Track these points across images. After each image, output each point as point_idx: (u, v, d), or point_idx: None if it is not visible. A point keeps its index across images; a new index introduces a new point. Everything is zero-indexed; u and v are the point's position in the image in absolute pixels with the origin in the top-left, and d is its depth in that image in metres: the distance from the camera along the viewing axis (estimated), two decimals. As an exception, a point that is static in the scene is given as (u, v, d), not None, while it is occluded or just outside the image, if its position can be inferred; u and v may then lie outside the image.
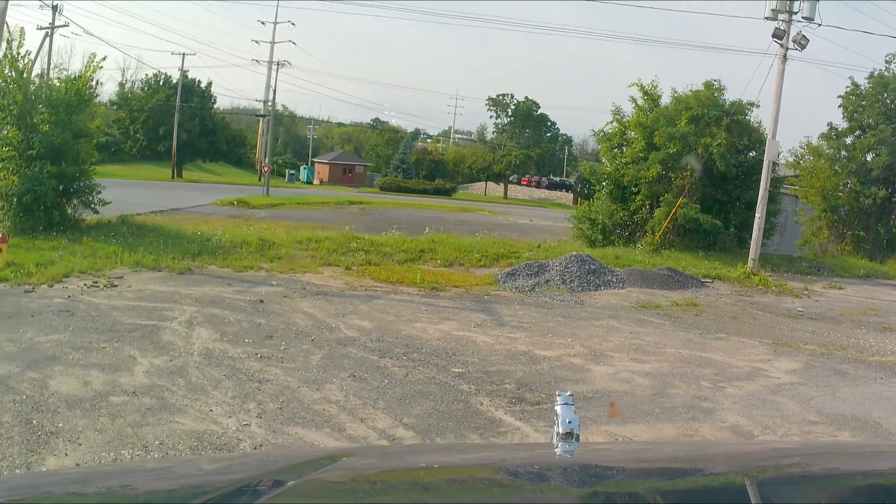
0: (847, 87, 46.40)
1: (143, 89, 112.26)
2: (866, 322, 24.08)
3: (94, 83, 31.52)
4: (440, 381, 13.48)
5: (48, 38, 65.95)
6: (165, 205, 45.59)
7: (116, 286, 20.37)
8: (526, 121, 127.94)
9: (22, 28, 33.48)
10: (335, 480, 2.93)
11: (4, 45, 28.99)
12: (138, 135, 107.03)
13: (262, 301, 19.62)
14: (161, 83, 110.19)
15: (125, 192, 30.81)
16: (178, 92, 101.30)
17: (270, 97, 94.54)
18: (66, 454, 9.21)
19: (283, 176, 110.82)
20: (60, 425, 10.08)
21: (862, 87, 45.72)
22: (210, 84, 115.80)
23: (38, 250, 24.44)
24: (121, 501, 2.80)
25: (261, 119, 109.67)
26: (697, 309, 23.87)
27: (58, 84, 31.76)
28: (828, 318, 24.37)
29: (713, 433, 11.87)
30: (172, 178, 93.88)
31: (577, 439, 3.23)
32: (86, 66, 32.39)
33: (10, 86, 28.87)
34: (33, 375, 12.10)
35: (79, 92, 30.27)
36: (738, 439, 11.02)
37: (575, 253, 28.72)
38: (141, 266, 23.41)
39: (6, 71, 28.97)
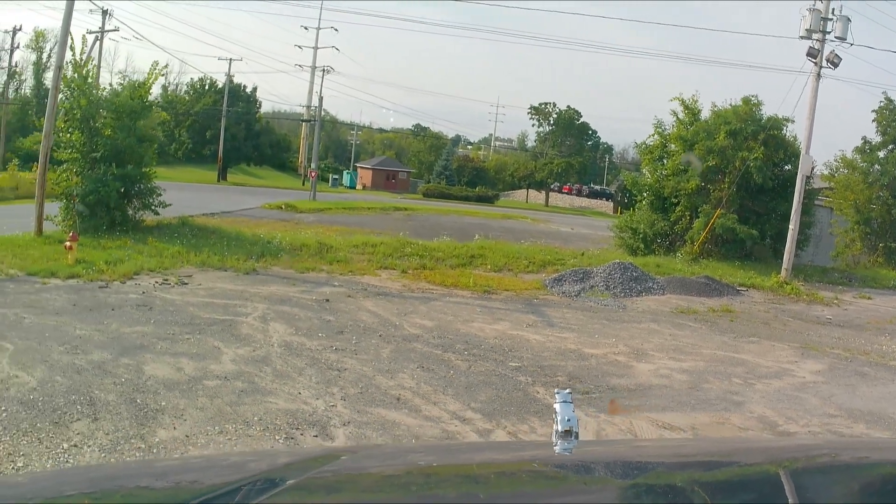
0: (881, 101, 46.52)
1: (188, 93, 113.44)
2: (891, 330, 24.85)
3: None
4: (500, 373, 14.96)
5: (98, 42, 67.25)
6: (215, 208, 46.74)
7: (187, 284, 21.84)
8: (568, 129, 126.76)
9: (84, 35, 35.05)
10: (334, 479, 2.96)
11: (68, 51, 30.46)
12: (183, 137, 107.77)
13: (327, 300, 21.03)
14: (207, 87, 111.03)
15: (174, 194, 31.99)
16: (225, 97, 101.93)
17: (316, 103, 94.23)
18: (174, 427, 10.62)
19: (327, 181, 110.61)
20: (163, 404, 11.52)
21: (895, 103, 46.01)
22: (255, 89, 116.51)
23: (104, 249, 25.85)
24: (120, 501, 2.82)
25: (303, 124, 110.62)
26: (732, 315, 24.84)
27: (120, 90, 33.11)
28: (854, 326, 25.27)
29: (742, 422, 13.15)
30: (218, 181, 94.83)
31: (577, 437, 3.25)
32: (149, 73, 33.81)
33: (75, 91, 30.09)
34: (127, 361, 13.58)
35: (142, 98, 31.64)
36: (739, 436, 11.71)
37: (618, 261, 29.78)
38: (207, 266, 24.81)
39: (70, 76, 30.29)
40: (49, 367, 12.88)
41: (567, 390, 3.31)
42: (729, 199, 38.00)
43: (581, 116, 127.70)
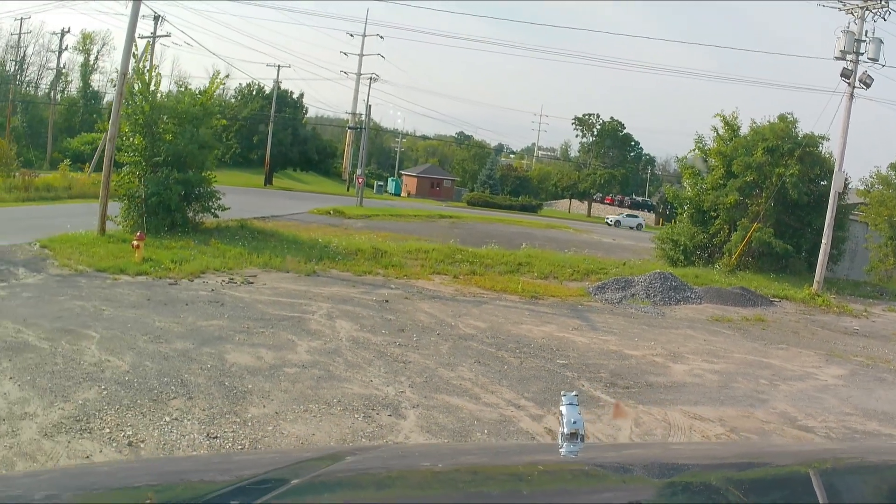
0: None
1: (235, 98, 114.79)
2: None
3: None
4: (548, 368, 16.39)
5: (150, 48, 68.62)
6: (266, 212, 47.85)
7: (252, 283, 23.22)
8: (611, 141, 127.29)
9: (147, 43, 36.41)
10: (338, 480, 2.95)
11: (132, 59, 31.80)
12: (231, 142, 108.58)
13: (386, 301, 22.41)
14: (254, 93, 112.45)
15: (224, 198, 33.52)
16: (273, 103, 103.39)
17: (362, 110, 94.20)
18: (263, 406, 11.97)
19: (371, 187, 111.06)
20: (250, 386, 12.87)
21: None
22: (302, 95, 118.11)
23: (168, 248, 27.19)
24: (124, 499, 2.84)
25: (349, 130, 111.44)
26: (764, 324, 25.99)
27: (181, 96, 34.43)
28: (880, 336, 26.33)
29: (765, 416, 14.34)
30: (264, 185, 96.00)
31: (582, 440, 3.28)
32: (210, 82, 35.26)
33: (138, 97, 31.39)
34: (209, 350, 14.95)
35: (203, 105, 33.02)
36: (749, 441, 12.16)
37: (658, 271, 30.94)
38: (270, 267, 26.13)
39: (134, 84, 31.69)
40: (137, 353, 14.22)
41: (573, 392, 3.39)
42: (766, 213, 38.98)
43: (624, 128, 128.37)
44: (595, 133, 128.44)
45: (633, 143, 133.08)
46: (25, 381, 12.02)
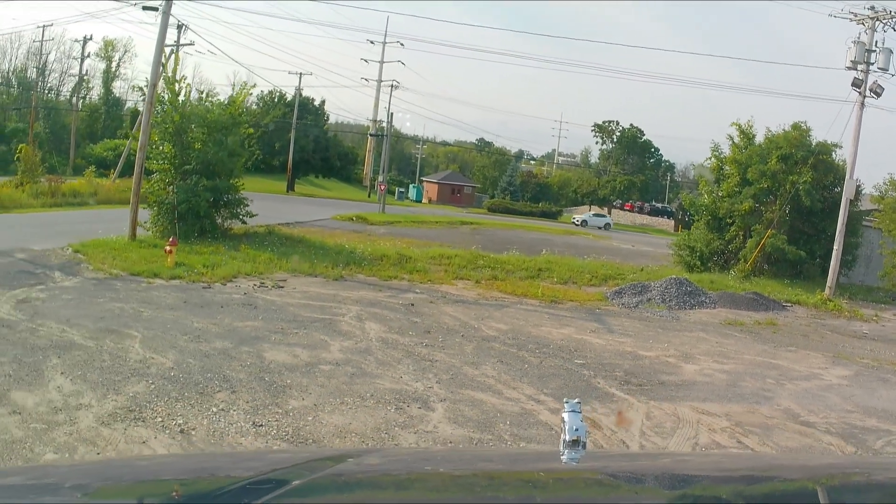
0: None
1: (257, 105, 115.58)
2: None
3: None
4: (567, 367, 17.33)
5: (173, 56, 69.28)
6: (290, 218, 48.61)
7: (283, 287, 24.16)
8: (630, 147, 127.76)
9: (176, 54, 37.28)
10: (340, 481, 2.97)
11: (160, 69, 32.71)
12: (253, 148, 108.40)
13: (412, 304, 23.35)
14: (276, 100, 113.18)
15: (251, 204, 34.59)
16: (295, 110, 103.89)
17: (383, 116, 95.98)
18: (302, 399, 12.96)
19: (392, 193, 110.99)
20: (288, 381, 13.87)
21: None
22: (323, 102, 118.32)
23: (199, 254, 28.02)
24: (125, 498, 2.87)
25: (369, 137, 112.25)
26: (775, 328, 26.61)
27: (212, 107, 35.11)
28: (889, 340, 26.81)
29: (769, 412, 15.13)
30: (287, 191, 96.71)
31: (584, 447, 3.29)
32: (238, 92, 36.27)
33: (167, 106, 32.39)
34: (247, 349, 15.93)
35: (232, 115, 33.96)
36: (744, 453, 12.12)
37: (673, 276, 31.74)
38: (298, 272, 27.03)
39: (163, 93, 32.66)
40: (179, 351, 15.19)
41: (576, 400, 3.41)
42: (779, 220, 39.76)
43: (643, 135, 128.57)
44: (614, 140, 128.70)
45: (652, 150, 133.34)
46: (76, 375, 12.97)
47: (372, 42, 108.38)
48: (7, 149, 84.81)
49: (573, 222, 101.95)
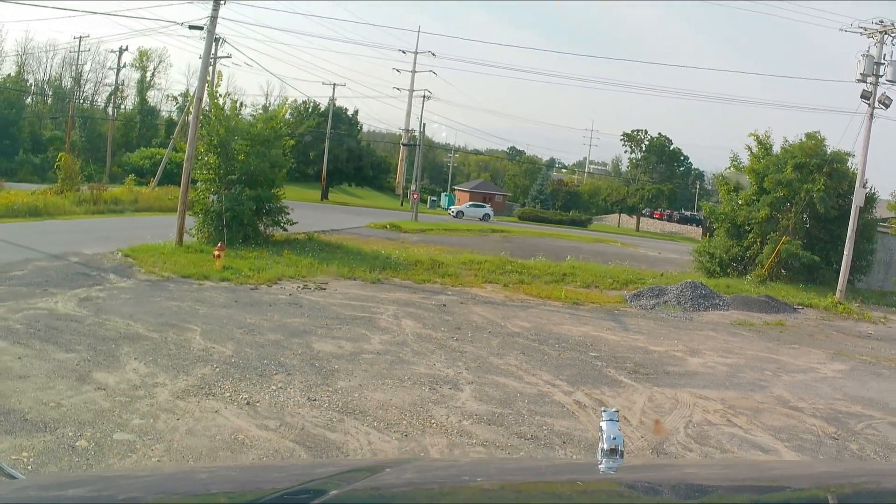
0: None
1: (292, 115, 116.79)
2: None
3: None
4: (582, 359, 19.09)
5: (221, 75, 70.69)
6: (326, 225, 50.35)
7: (325, 289, 25.90)
8: (659, 156, 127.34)
9: (220, 71, 39.16)
10: (378, 492, 2.97)
11: (206, 85, 34.55)
12: (289, 157, 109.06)
13: (444, 305, 25.15)
14: (310, 110, 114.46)
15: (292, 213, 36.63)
16: (329, 120, 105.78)
17: (415, 125, 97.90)
18: (349, 380, 14.87)
19: (425, 202, 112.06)
20: (336, 367, 15.77)
21: None
22: (356, 112, 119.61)
23: (244, 258, 29.75)
24: None
25: (402, 147, 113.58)
26: (783, 328, 27.99)
27: (253, 120, 37.26)
28: (892, 340, 28.00)
29: (762, 399, 16.63)
30: (321, 200, 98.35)
31: (622, 456, 3.25)
32: (279, 107, 38.22)
33: (212, 120, 34.21)
34: (297, 341, 17.84)
35: (274, 129, 35.82)
36: (785, 461, 12.03)
37: (689, 281, 33.09)
38: (339, 276, 28.78)
39: (207, 108, 34.60)
40: (236, 342, 17.08)
41: (614, 409, 3.38)
42: (795, 226, 41.07)
43: (672, 143, 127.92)
44: (643, 149, 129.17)
45: (682, 158, 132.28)
46: (148, 360, 14.85)
47: (403, 52, 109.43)
48: (45, 157, 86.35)
49: (449, 213, 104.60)
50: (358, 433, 11.87)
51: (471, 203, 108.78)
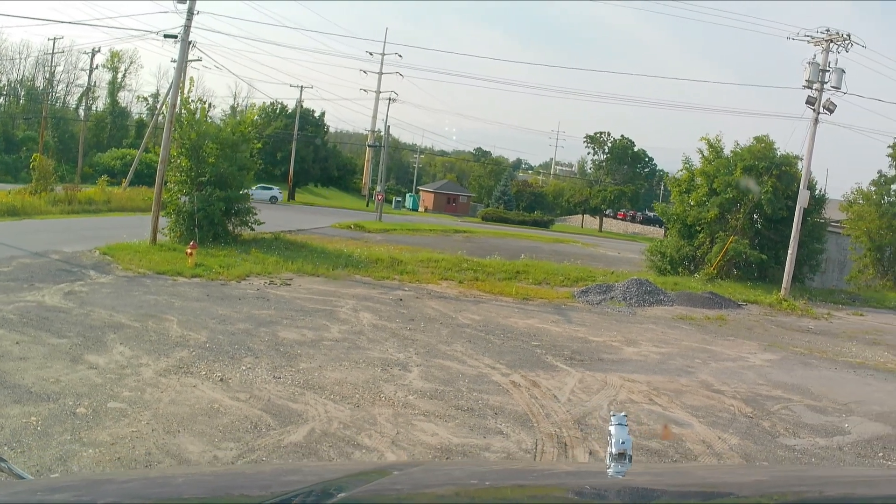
0: (895, 137, 50.20)
1: (260, 116, 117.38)
2: (862, 338, 28.27)
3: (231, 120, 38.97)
4: (523, 347, 20.58)
5: (193, 81, 71.61)
6: (293, 225, 51.51)
7: (289, 284, 27.45)
8: (622, 158, 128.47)
9: (191, 77, 40.63)
10: (385, 495, 2.98)
11: (178, 91, 36.13)
12: (256, 158, 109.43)
13: (401, 299, 26.60)
14: (277, 111, 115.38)
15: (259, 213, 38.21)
16: (296, 121, 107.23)
17: (379, 126, 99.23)
18: (310, 362, 16.60)
19: (390, 202, 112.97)
20: (299, 352, 17.51)
21: None
22: (323, 114, 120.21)
23: (214, 256, 31.20)
24: None
25: (368, 148, 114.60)
26: (723, 322, 29.04)
27: (223, 125, 39.06)
28: (830, 334, 28.86)
29: (686, 382, 17.96)
30: (287, 200, 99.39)
31: (630, 460, 3.21)
32: (248, 112, 39.68)
33: (184, 125, 35.63)
34: (265, 330, 19.53)
35: (242, 133, 37.40)
36: (796, 465, 12.41)
37: (635, 278, 34.41)
38: (303, 272, 30.21)
39: (181, 112, 36.00)
40: (210, 330, 18.81)
41: (623, 413, 3.34)
42: (744, 227, 42.36)
43: (635, 145, 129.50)
44: (606, 150, 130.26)
45: (646, 160, 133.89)
46: (132, 345, 16.67)
47: (371, 53, 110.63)
48: (17, 157, 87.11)
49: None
50: (316, 404, 13.54)
51: (260, 185, 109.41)
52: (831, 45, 38.34)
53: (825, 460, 13.36)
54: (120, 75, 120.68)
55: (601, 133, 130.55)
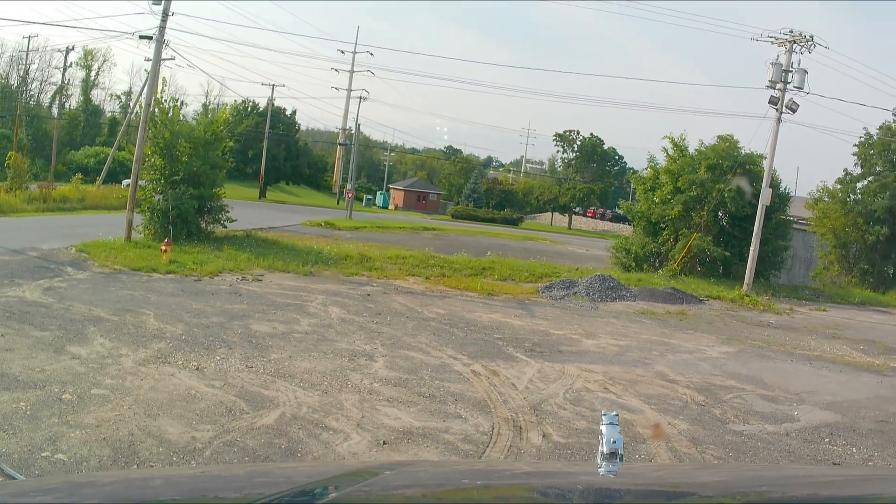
0: (861, 136, 51.51)
1: (232, 115, 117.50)
2: (822, 332, 28.87)
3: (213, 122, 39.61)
4: (486, 339, 21.30)
5: (167, 82, 71.79)
6: (264, 223, 52.23)
7: (261, 280, 28.14)
8: (590, 156, 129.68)
9: (164, 77, 41.18)
10: (375, 495, 2.99)
11: (153, 90, 36.76)
12: (228, 155, 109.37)
13: (369, 295, 27.28)
14: (249, 109, 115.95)
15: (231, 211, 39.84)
16: (268, 120, 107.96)
17: (350, 124, 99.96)
18: (281, 353, 17.25)
19: (360, 200, 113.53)
20: (270, 343, 18.17)
21: (874, 136, 50.58)
22: (295, 112, 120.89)
23: (188, 253, 31.78)
24: None
25: (339, 146, 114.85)
26: (684, 316, 29.74)
27: (196, 124, 39.84)
28: (790, 329, 29.48)
29: (642, 373, 18.61)
30: (259, 198, 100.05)
31: (622, 459, 3.24)
32: (220, 111, 40.30)
33: (158, 124, 36.19)
34: (238, 323, 20.23)
35: (214, 132, 37.96)
36: (786, 465, 12.22)
37: (598, 274, 34.96)
38: (274, 269, 30.87)
39: (155, 111, 36.55)
40: (185, 324, 19.47)
41: (614, 413, 3.37)
42: (708, 224, 43.03)
43: (604, 143, 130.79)
44: (575, 149, 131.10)
45: (616, 158, 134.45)
46: (112, 337, 17.32)
47: (343, 52, 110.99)
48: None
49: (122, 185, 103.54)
50: (287, 391, 14.26)
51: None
52: (794, 45, 39.07)
53: (771, 445, 13.87)
54: (93, 73, 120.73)
55: (570, 132, 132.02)
